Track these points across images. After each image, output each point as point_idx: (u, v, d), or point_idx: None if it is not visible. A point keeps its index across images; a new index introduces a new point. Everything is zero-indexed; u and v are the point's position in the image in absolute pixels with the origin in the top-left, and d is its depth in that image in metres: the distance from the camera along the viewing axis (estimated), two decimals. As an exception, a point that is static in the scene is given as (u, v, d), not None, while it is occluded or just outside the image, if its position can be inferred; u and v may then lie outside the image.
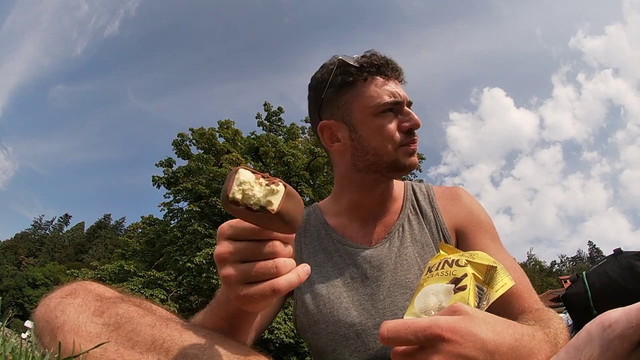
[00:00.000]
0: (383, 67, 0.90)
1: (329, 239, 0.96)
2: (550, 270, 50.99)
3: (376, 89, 0.89)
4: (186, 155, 15.28)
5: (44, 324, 0.49)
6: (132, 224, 22.18)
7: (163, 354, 0.45)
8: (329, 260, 0.93)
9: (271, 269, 0.47)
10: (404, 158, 0.88)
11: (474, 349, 0.41)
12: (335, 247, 0.94)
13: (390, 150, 0.88)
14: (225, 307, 0.61)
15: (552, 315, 0.71)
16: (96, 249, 52.79)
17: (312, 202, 14.29)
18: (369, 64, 0.89)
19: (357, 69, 0.89)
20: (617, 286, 1.40)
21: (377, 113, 0.88)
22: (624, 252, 1.49)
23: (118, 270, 13.15)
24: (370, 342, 0.82)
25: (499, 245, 0.90)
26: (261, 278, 0.47)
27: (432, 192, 1.00)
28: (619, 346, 0.31)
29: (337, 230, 0.97)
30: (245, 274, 0.47)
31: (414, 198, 0.99)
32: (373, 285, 0.87)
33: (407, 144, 0.88)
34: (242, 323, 0.62)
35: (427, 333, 0.42)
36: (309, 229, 1.00)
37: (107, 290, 0.57)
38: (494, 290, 0.58)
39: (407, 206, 0.97)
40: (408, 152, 0.89)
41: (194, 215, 14.15)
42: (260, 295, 0.46)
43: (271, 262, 0.47)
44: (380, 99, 0.88)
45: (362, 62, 0.89)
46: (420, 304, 0.56)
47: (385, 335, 0.44)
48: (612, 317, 0.32)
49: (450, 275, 0.57)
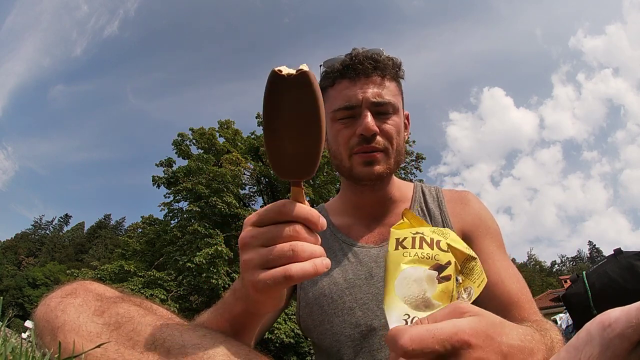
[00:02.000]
0: (346, 70, 0.86)
1: (334, 239, 0.95)
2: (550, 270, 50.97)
3: (335, 93, 0.88)
4: (186, 155, 15.29)
5: (45, 324, 0.49)
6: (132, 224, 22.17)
7: (164, 353, 0.45)
8: (333, 259, 0.91)
9: (287, 252, 0.45)
10: (357, 167, 0.86)
11: (493, 352, 0.40)
12: (340, 246, 0.93)
13: (344, 158, 0.87)
14: (231, 308, 0.58)
15: (550, 327, 0.69)
16: (96, 249, 52.77)
17: (312, 202, 14.32)
18: (332, 69, 0.88)
19: (326, 74, 0.90)
20: (617, 286, 1.41)
21: (334, 119, 0.88)
22: (624, 252, 1.49)
23: (118, 270, 13.15)
24: (375, 343, 0.81)
25: (504, 254, 0.88)
26: (277, 262, 0.45)
27: (441, 194, 0.99)
28: (619, 345, 0.31)
29: (343, 230, 0.96)
30: (263, 257, 0.46)
31: (423, 200, 0.98)
32: (378, 285, 0.85)
33: (359, 151, 0.85)
34: (247, 326, 0.59)
35: (454, 341, 0.38)
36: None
37: (108, 290, 0.56)
38: (475, 285, 0.54)
39: (415, 208, 0.96)
40: (363, 161, 0.85)
41: (194, 215, 14.15)
42: (272, 281, 0.45)
43: (288, 245, 0.45)
44: (334, 105, 0.87)
45: (328, 66, 0.90)
46: (402, 290, 0.49)
47: (409, 346, 0.37)
48: (612, 316, 0.32)
49: (433, 260, 0.51)
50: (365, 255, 0.90)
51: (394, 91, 0.89)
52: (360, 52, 0.88)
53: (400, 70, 0.92)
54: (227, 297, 0.62)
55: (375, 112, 0.85)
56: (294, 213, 0.47)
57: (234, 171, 14.48)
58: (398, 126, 0.88)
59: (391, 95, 0.87)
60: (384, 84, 0.87)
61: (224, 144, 15.52)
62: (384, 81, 0.87)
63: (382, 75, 0.87)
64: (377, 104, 0.85)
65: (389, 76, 0.88)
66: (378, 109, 0.85)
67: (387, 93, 0.86)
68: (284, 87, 0.43)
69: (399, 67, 0.92)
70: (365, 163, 0.85)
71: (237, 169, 14.62)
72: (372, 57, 0.86)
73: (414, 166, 16.99)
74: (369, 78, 0.86)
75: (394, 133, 0.86)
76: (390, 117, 0.87)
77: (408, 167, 16.79)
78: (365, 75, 0.85)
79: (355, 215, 0.97)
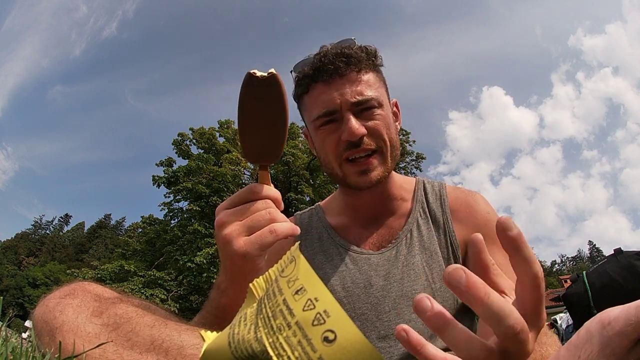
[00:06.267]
0: (317, 73, 0.80)
1: (330, 242, 0.91)
2: (550, 270, 50.98)
3: (312, 100, 0.83)
4: (186, 154, 15.28)
5: (43, 325, 0.49)
6: (132, 224, 22.15)
7: (162, 354, 0.44)
8: (329, 262, 0.88)
9: (265, 215, 0.52)
10: (352, 176, 0.81)
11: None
12: (337, 250, 0.89)
13: (335, 166, 0.83)
14: (217, 303, 0.61)
15: (552, 342, 0.67)
16: (96, 248, 52.79)
17: (313, 201, 14.32)
18: (303, 75, 0.83)
19: (298, 80, 0.85)
20: (617, 285, 1.41)
21: (316, 127, 0.83)
22: (624, 252, 1.49)
23: (118, 270, 13.15)
24: None
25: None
26: (258, 225, 0.52)
27: (444, 192, 0.92)
28: (618, 344, 0.31)
29: (340, 231, 0.93)
30: (243, 225, 0.52)
31: (425, 199, 0.91)
32: (378, 295, 0.81)
33: (349, 157, 0.80)
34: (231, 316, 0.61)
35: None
36: (310, 231, 0.96)
37: (106, 290, 0.56)
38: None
39: (417, 209, 0.90)
40: (357, 171, 0.80)
41: (194, 215, 14.16)
42: (260, 240, 0.51)
43: (265, 210, 0.52)
44: (313, 113, 0.82)
45: (299, 72, 0.84)
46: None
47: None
48: (612, 314, 0.32)
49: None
50: (364, 263, 0.86)
51: (375, 83, 0.82)
52: (330, 50, 0.81)
53: (376, 58, 0.85)
54: (212, 294, 0.64)
55: (357, 112, 0.79)
56: (263, 192, 0.54)
57: (234, 171, 14.49)
58: (386, 119, 0.82)
59: (372, 90, 0.80)
60: (362, 79, 0.80)
61: (224, 143, 15.52)
62: (361, 76, 0.80)
63: (358, 69, 0.80)
64: (358, 104, 0.79)
65: (365, 69, 0.81)
66: (360, 107, 0.79)
67: (367, 88, 0.80)
68: (255, 86, 0.53)
69: (375, 55, 0.84)
70: (360, 172, 0.80)
71: (237, 169, 14.63)
72: (343, 52, 0.79)
73: (414, 166, 17.02)
74: (344, 77, 0.79)
75: (382, 129, 0.80)
76: (375, 112, 0.80)
77: (408, 167, 16.82)
78: (339, 74, 0.79)
79: (353, 216, 0.93)
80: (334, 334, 0.24)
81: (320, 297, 0.26)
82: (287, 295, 0.28)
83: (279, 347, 0.26)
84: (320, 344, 0.24)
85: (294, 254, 0.31)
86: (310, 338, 0.25)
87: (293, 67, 0.87)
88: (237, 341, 0.30)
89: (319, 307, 0.26)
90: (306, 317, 0.26)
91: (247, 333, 0.30)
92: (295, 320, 0.26)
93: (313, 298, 0.26)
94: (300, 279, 0.28)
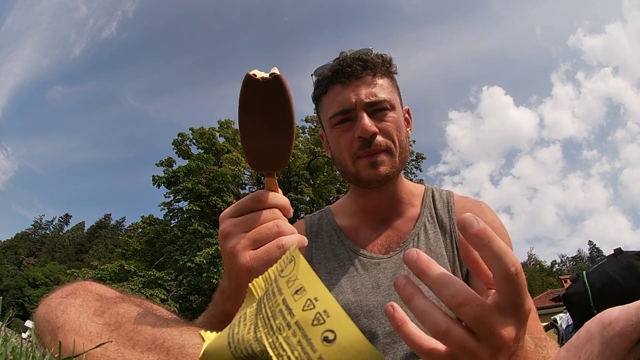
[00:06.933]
0: (336, 75, 0.86)
1: (341, 246, 0.94)
2: (550, 270, 50.95)
3: (329, 100, 0.88)
4: (186, 154, 15.29)
5: (45, 324, 0.49)
6: (132, 224, 22.18)
7: (164, 353, 0.45)
8: (341, 268, 0.91)
9: (273, 228, 0.48)
10: (363, 171, 0.85)
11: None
12: (348, 255, 0.92)
13: (349, 163, 0.86)
14: (221, 308, 0.60)
15: (551, 345, 0.67)
16: (96, 248, 52.80)
17: (313, 201, 14.34)
18: (322, 77, 0.89)
19: (318, 82, 0.90)
20: (617, 286, 1.41)
21: (332, 126, 0.88)
22: (624, 252, 1.49)
23: (118, 270, 13.16)
24: (378, 349, 0.81)
25: None
26: (265, 238, 0.48)
27: (452, 200, 0.95)
28: (619, 344, 0.31)
29: (349, 234, 0.95)
30: (250, 238, 0.48)
31: (433, 206, 0.95)
32: (384, 294, 0.84)
33: (363, 155, 0.84)
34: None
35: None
36: (320, 234, 0.98)
37: (108, 290, 0.56)
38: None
39: (425, 214, 0.93)
40: (369, 164, 0.84)
41: (194, 215, 14.17)
42: (266, 255, 0.47)
43: (272, 222, 0.49)
44: (329, 112, 0.87)
45: (319, 75, 0.90)
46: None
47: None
48: (612, 315, 0.32)
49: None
50: (373, 268, 0.88)
51: (388, 88, 0.88)
52: (348, 55, 0.87)
53: (391, 65, 0.91)
54: (215, 298, 0.63)
55: (371, 112, 0.84)
56: (270, 200, 0.51)
57: (234, 171, 14.50)
58: (397, 122, 0.86)
59: (385, 93, 0.86)
60: (376, 83, 0.86)
61: (224, 143, 15.53)
62: (376, 79, 0.86)
63: (373, 74, 0.86)
64: (371, 104, 0.84)
65: (380, 74, 0.87)
66: (373, 108, 0.84)
67: (381, 91, 0.85)
68: (257, 89, 0.47)
69: (390, 62, 0.90)
70: (370, 165, 0.84)
71: (237, 169, 14.64)
72: (360, 57, 0.85)
73: (414, 166, 17.01)
74: (360, 79, 0.85)
75: (393, 130, 0.85)
76: (388, 114, 0.85)
77: (408, 167, 16.80)
78: (356, 77, 0.85)
79: (362, 217, 0.95)
80: (334, 334, 0.24)
81: (320, 297, 0.26)
82: (287, 295, 0.28)
83: (279, 347, 0.26)
84: (320, 343, 0.24)
85: (294, 253, 0.32)
86: (310, 338, 0.25)
87: (314, 71, 0.93)
88: (237, 341, 0.31)
89: (319, 307, 0.26)
90: (306, 317, 0.26)
91: (247, 333, 0.30)
92: (295, 320, 0.26)
93: (313, 298, 0.26)
94: (300, 279, 0.29)
